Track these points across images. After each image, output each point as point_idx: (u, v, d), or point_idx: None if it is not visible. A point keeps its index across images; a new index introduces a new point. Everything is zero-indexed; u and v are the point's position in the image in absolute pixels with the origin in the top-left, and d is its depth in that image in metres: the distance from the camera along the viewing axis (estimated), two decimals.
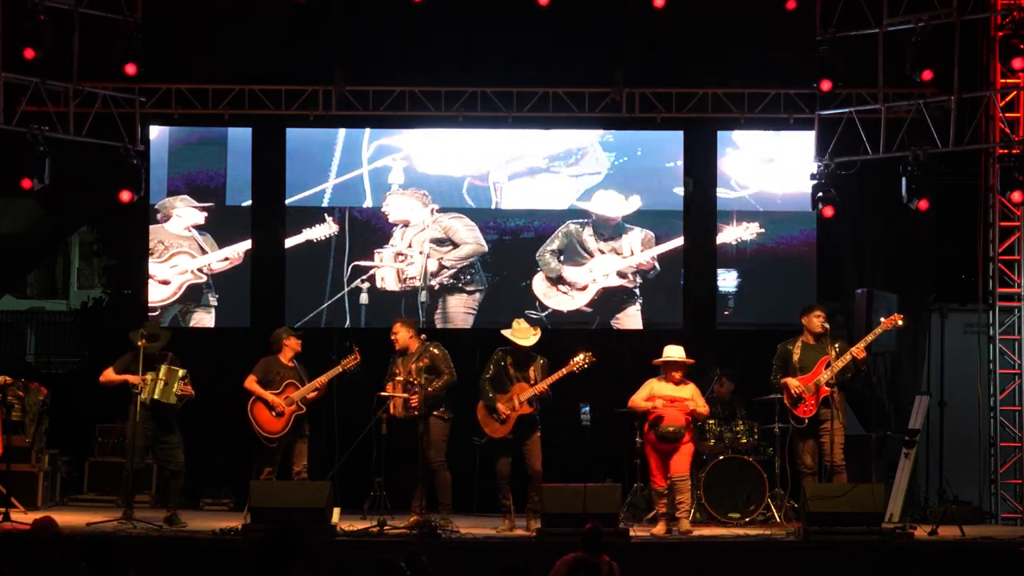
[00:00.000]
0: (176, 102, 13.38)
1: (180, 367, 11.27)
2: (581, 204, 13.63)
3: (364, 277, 13.57)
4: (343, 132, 13.71)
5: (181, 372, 11.25)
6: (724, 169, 13.68)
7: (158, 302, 13.53)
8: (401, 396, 11.21)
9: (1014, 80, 12.57)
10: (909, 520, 11.66)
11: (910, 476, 12.40)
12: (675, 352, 11.49)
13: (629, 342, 13.49)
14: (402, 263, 13.58)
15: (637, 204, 13.60)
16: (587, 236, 13.61)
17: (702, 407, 11.42)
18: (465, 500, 11.95)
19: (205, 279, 13.61)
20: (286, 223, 13.66)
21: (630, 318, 13.56)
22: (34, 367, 19.30)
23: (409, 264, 13.58)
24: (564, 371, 11.16)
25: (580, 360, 11.15)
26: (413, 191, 13.66)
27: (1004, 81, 12.63)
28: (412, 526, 10.96)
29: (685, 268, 13.64)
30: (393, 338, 11.41)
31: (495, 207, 13.70)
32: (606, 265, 13.58)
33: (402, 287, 13.58)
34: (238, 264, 13.64)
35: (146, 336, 11.22)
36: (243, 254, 13.63)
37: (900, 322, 11.32)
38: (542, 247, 13.62)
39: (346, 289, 13.56)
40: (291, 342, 11.62)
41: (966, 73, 12.35)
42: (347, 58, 13.21)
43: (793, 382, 11.21)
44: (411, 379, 11.20)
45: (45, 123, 12.14)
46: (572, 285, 13.58)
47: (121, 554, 6.88)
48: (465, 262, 13.61)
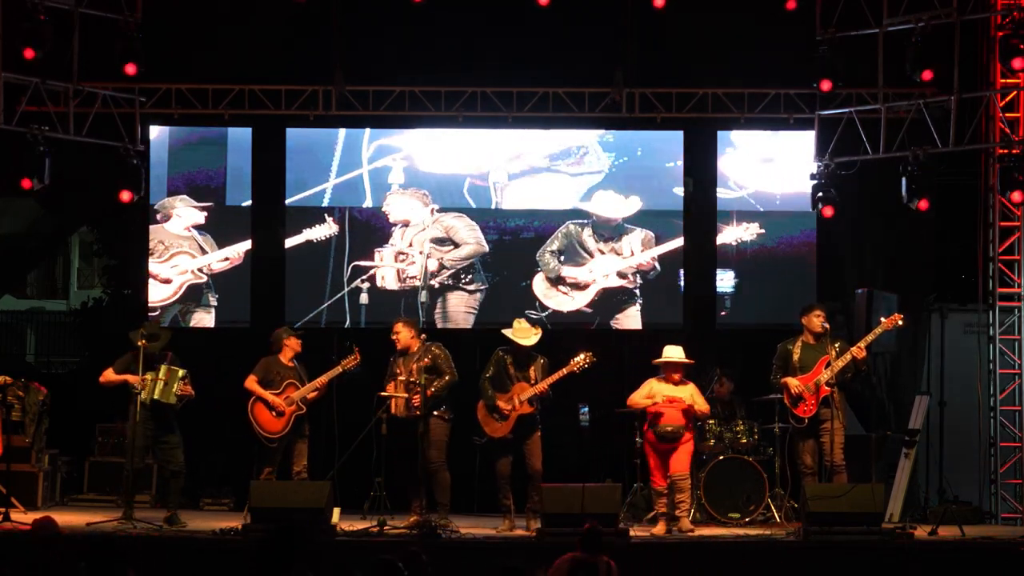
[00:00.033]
0: (176, 102, 13.37)
1: (180, 367, 11.27)
2: (581, 205, 13.63)
3: (364, 277, 13.57)
4: (343, 132, 13.71)
5: (181, 372, 11.24)
6: (722, 169, 13.68)
7: (158, 302, 13.53)
8: (403, 396, 11.21)
9: (1014, 80, 12.57)
10: (909, 520, 11.66)
11: (910, 476, 12.40)
12: (674, 352, 11.49)
13: (629, 342, 13.49)
14: (403, 263, 13.58)
15: (637, 205, 13.60)
16: (587, 237, 13.61)
17: (701, 406, 11.42)
18: (465, 500, 11.95)
19: (205, 279, 13.60)
20: (286, 223, 13.65)
21: (630, 318, 13.55)
22: (34, 367, 19.29)
23: (410, 264, 13.58)
24: (564, 371, 11.16)
25: (580, 360, 11.14)
26: (413, 191, 13.66)
27: (1004, 81, 12.63)
28: (412, 526, 10.96)
29: (685, 268, 13.64)
30: (395, 338, 11.40)
31: (495, 207, 13.69)
32: (606, 265, 13.57)
33: (402, 286, 13.58)
34: (238, 264, 13.63)
35: (146, 336, 11.21)
36: (243, 254, 13.63)
37: (900, 322, 11.34)
38: (542, 247, 13.61)
39: (346, 289, 13.56)
40: (291, 342, 11.62)
41: (966, 73, 12.35)
42: (347, 58, 13.21)
43: (793, 382, 11.21)
44: (413, 379, 11.20)
45: (45, 123, 12.14)
46: (572, 286, 13.57)
47: (121, 554, 6.87)
48: (466, 262, 13.60)
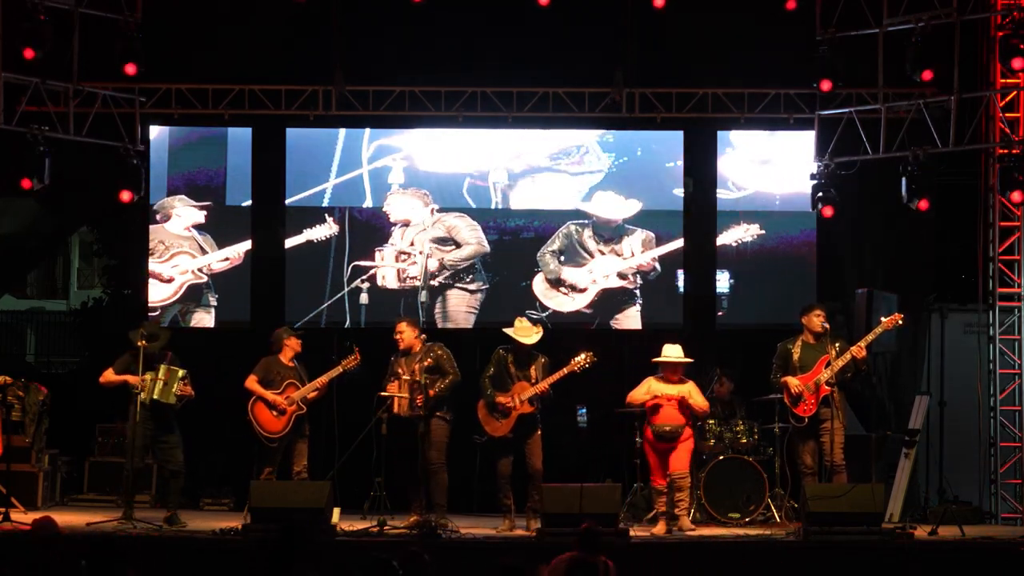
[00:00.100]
0: (176, 102, 13.37)
1: (180, 367, 11.27)
2: (582, 206, 13.62)
3: (364, 277, 13.56)
4: (343, 132, 13.70)
5: (181, 372, 11.24)
6: (722, 170, 13.67)
7: (158, 302, 13.53)
8: (405, 396, 11.19)
9: (1014, 80, 12.56)
10: (909, 520, 11.66)
11: (910, 476, 12.40)
12: (674, 351, 11.48)
13: (629, 342, 13.48)
14: (404, 263, 13.58)
15: (637, 207, 13.58)
16: (587, 237, 13.60)
17: (700, 403, 11.42)
18: (465, 500, 11.96)
19: (205, 279, 13.60)
20: (286, 223, 13.65)
21: (630, 318, 13.55)
22: (34, 367, 19.29)
23: (412, 264, 13.57)
24: (565, 371, 11.15)
25: (581, 360, 11.14)
26: (414, 191, 13.66)
27: (1004, 81, 12.63)
28: (412, 526, 10.96)
29: (685, 269, 13.64)
30: (398, 337, 11.37)
31: (495, 207, 13.69)
32: (606, 266, 13.57)
33: (402, 286, 13.57)
34: (238, 264, 13.63)
35: (145, 336, 11.21)
36: (243, 254, 13.63)
37: (900, 322, 11.34)
38: (543, 248, 13.60)
39: (346, 289, 13.56)
40: (291, 342, 11.61)
41: (966, 73, 12.34)
42: (347, 58, 13.20)
43: (793, 381, 11.21)
44: (417, 379, 11.17)
45: (45, 123, 12.14)
46: (572, 286, 13.57)
47: (121, 554, 6.87)
48: (467, 263, 13.60)
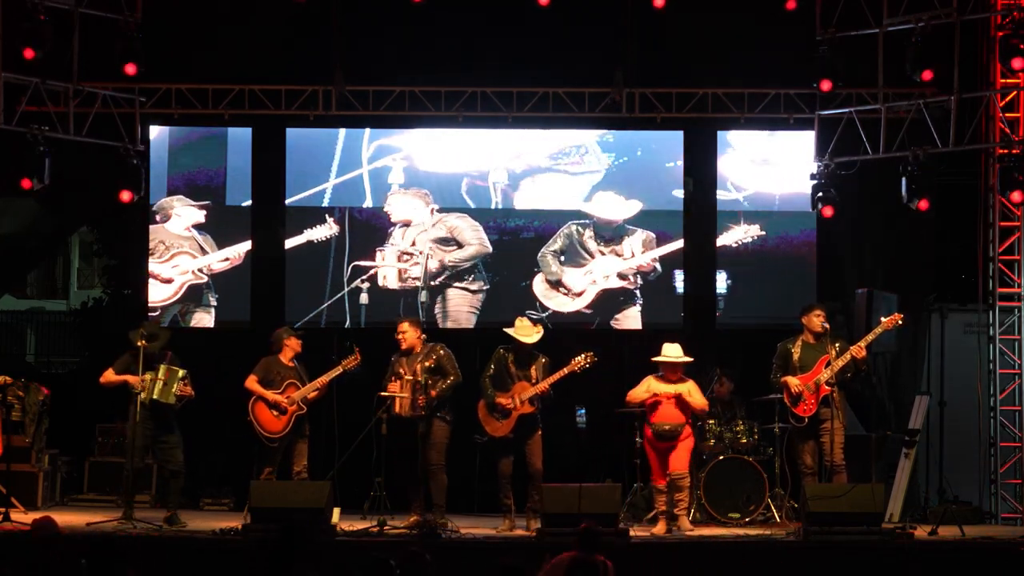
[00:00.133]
0: (176, 102, 13.37)
1: (180, 367, 11.27)
2: (582, 206, 13.61)
3: (364, 277, 13.56)
4: (343, 132, 13.70)
5: (181, 372, 11.24)
6: (721, 170, 13.66)
7: (158, 302, 13.53)
8: (407, 396, 11.17)
9: (1014, 80, 12.56)
10: (909, 520, 11.66)
11: (910, 476, 12.40)
12: (673, 351, 11.48)
13: (629, 342, 13.48)
14: (406, 263, 13.57)
15: (638, 207, 13.58)
16: (588, 238, 13.60)
17: (699, 401, 11.41)
18: (465, 500, 11.96)
19: (205, 279, 13.60)
20: (286, 223, 13.65)
21: (630, 319, 13.54)
22: (34, 367, 19.30)
23: (414, 264, 13.57)
24: (565, 371, 11.15)
25: (581, 360, 11.14)
26: (415, 191, 13.66)
27: (1004, 81, 12.63)
28: (412, 526, 10.96)
29: (684, 269, 13.63)
30: (400, 337, 11.35)
31: (495, 207, 13.69)
32: (606, 266, 13.56)
33: (403, 286, 13.57)
34: (238, 264, 13.63)
35: (145, 336, 11.21)
36: (243, 254, 13.62)
37: (900, 321, 11.34)
38: (543, 248, 13.60)
39: (346, 289, 13.55)
40: (291, 342, 11.61)
41: (966, 73, 12.34)
42: (347, 58, 13.20)
43: (793, 381, 11.21)
44: (419, 379, 11.16)
45: (45, 123, 12.14)
46: (572, 286, 13.56)
47: (121, 554, 6.88)
48: (469, 263, 13.59)
